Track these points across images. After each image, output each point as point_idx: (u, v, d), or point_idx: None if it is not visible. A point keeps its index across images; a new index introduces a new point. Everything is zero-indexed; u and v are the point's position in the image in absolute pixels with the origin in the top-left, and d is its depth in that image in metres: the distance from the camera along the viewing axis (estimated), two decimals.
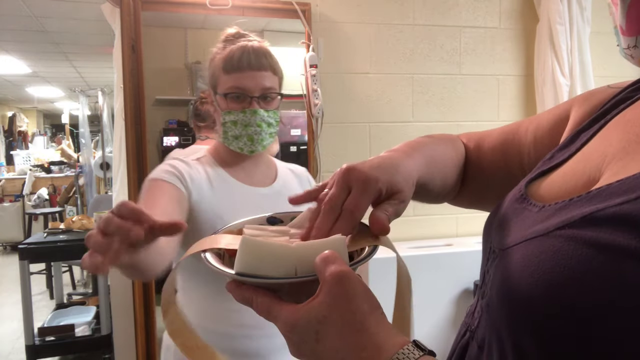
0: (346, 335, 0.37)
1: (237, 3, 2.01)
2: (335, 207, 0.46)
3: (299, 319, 0.39)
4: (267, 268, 0.41)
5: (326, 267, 0.39)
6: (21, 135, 8.95)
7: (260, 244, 0.42)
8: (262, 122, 1.09)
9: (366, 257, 0.44)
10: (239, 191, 1.11)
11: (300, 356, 0.41)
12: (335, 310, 0.38)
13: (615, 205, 0.34)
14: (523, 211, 0.44)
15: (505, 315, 0.40)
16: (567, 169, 0.46)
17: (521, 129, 0.61)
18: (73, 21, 3.35)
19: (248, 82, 1.06)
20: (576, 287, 0.33)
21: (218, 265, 0.45)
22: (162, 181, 1.01)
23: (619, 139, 0.42)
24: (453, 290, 2.12)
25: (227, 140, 1.10)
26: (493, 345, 0.43)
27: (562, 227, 0.37)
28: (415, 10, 2.31)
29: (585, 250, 0.33)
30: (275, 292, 0.42)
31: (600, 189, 0.37)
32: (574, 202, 0.38)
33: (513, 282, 0.39)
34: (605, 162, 0.41)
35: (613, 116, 0.46)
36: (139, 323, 1.99)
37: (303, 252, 0.42)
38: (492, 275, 0.44)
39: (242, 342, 1.05)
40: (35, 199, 6.06)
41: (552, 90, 2.31)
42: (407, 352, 0.36)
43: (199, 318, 1.08)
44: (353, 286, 0.38)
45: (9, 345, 3.40)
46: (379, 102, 2.29)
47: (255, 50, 1.07)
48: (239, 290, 0.43)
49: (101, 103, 4.15)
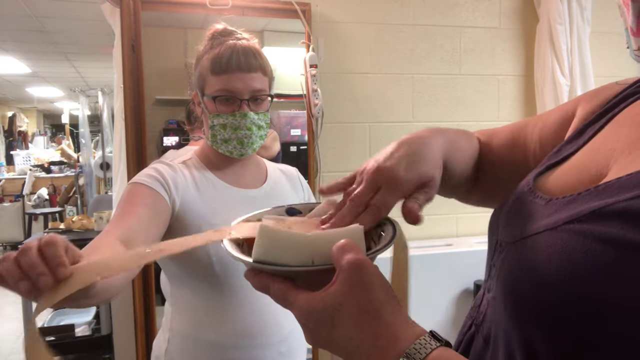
0: (362, 323, 0.37)
1: (237, 3, 2.01)
2: (361, 204, 0.47)
3: (315, 306, 0.39)
4: (284, 256, 0.41)
5: (343, 256, 0.39)
6: (21, 135, 8.95)
7: (277, 232, 0.43)
8: (252, 125, 1.05)
9: (384, 247, 0.44)
10: (227, 193, 1.08)
11: (316, 343, 0.41)
12: (352, 298, 0.38)
13: (624, 200, 0.34)
14: (530, 204, 0.44)
15: (512, 309, 0.40)
16: (574, 163, 0.45)
17: (528, 127, 0.61)
18: (73, 21, 3.35)
19: (237, 84, 1.02)
20: (585, 282, 0.33)
21: (236, 254, 0.45)
22: (143, 186, 0.98)
23: (627, 133, 0.42)
24: (453, 290, 2.12)
25: (216, 144, 1.07)
26: (499, 340, 0.42)
27: (570, 221, 0.36)
28: (415, 10, 2.31)
29: (594, 245, 0.33)
30: (292, 280, 0.42)
31: (609, 183, 0.37)
32: (583, 196, 0.38)
33: (520, 276, 0.39)
34: (614, 156, 0.40)
35: (621, 109, 0.46)
36: (139, 323, 1.99)
37: (320, 241, 0.42)
38: (498, 268, 0.44)
39: (234, 352, 1.02)
40: (35, 199, 6.07)
41: (552, 90, 2.31)
42: (424, 342, 0.36)
43: (190, 328, 1.05)
44: (369, 275, 0.38)
45: (9, 345, 3.40)
46: (379, 102, 2.29)
47: (244, 50, 1.03)
48: (256, 278, 0.43)
49: (101, 103, 4.16)
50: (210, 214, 1.03)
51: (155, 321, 2.00)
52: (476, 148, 0.63)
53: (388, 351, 0.36)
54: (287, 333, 1.07)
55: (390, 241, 0.45)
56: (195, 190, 1.05)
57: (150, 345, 2.00)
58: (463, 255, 2.10)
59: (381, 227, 0.48)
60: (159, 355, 1.10)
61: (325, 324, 0.38)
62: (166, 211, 0.99)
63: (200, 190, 1.06)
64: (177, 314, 1.08)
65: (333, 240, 0.41)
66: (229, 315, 1.03)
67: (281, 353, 1.05)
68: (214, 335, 1.03)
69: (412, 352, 0.35)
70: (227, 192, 1.09)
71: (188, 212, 1.02)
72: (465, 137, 0.62)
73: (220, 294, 1.04)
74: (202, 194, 1.05)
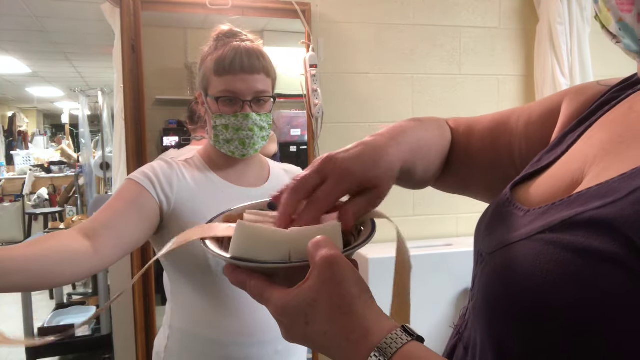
0: (334, 318, 0.38)
1: (237, 3, 2.01)
2: (301, 188, 0.45)
3: (289, 302, 0.39)
4: (261, 253, 0.42)
5: (317, 252, 0.39)
6: (21, 135, 8.95)
7: (255, 228, 0.43)
8: (254, 126, 1.06)
9: (360, 244, 0.44)
10: (228, 192, 1.09)
11: (291, 339, 0.41)
12: (324, 294, 0.38)
13: (592, 209, 0.34)
14: (509, 215, 0.45)
15: (488, 317, 0.40)
16: (552, 172, 0.46)
17: (512, 119, 0.60)
18: (73, 21, 3.34)
19: (240, 86, 1.03)
20: (554, 289, 0.33)
21: (214, 249, 0.45)
22: (133, 182, 1.01)
23: (601, 139, 0.42)
24: (453, 290, 2.13)
25: (219, 144, 1.08)
26: (477, 348, 0.43)
27: (542, 231, 0.37)
28: (415, 10, 2.31)
29: (563, 254, 0.34)
30: (270, 277, 0.42)
31: (580, 193, 0.38)
32: (556, 206, 0.39)
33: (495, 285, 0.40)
34: (588, 164, 0.41)
35: (598, 117, 0.46)
36: (139, 323, 1.99)
37: (297, 237, 0.42)
38: (479, 278, 0.45)
39: (232, 349, 1.03)
40: (35, 199, 6.07)
41: (552, 90, 2.31)
42: (395, 337, 0.36)
43: (188, 324, 1.06)
44: (342, 270, 0.39)
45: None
46: (379, 102, 2.29)
47: (248, 51, 1.04)
48: (234, 274, 0.44)
49: (101, 103, 4.15)
50: (208, 211, 1.04)
51: (155, 321, 2.01)
52: (447, 140, 0.62)
53: (360, 345, 0.36)
54: None
55: (367, 238, 0.45)
56: (193, 188, 1.06)
57: (150, 345, 2.00)
58: (463, 255, 2.10)
59: (361, 223, 0.48)
60: (159, 351, 1.11)
61: (299, 319, 0.39)
62: (151, 208, 1.00)
63: (199, 188, 1.06)
64: (176, 310, 1.09)
65: (310, 237, 0.41)
66: (225, 312, 1.04)
67: (279, 352, 1.06)
68: (212, 332, 1.04)
69: (383, 347, 0.35)
70: (227, 190, 1.09)
71: (185, 210, 1.03)
72: (435, 130, 0.60)
73: (217, 291, 1.04)
74: (200, 192, 1.06)
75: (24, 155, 7.58)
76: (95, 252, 0.87)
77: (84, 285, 4.52)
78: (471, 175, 0.63)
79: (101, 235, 0.89)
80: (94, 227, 0.91)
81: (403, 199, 2.31)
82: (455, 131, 0.64)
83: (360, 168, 0.46)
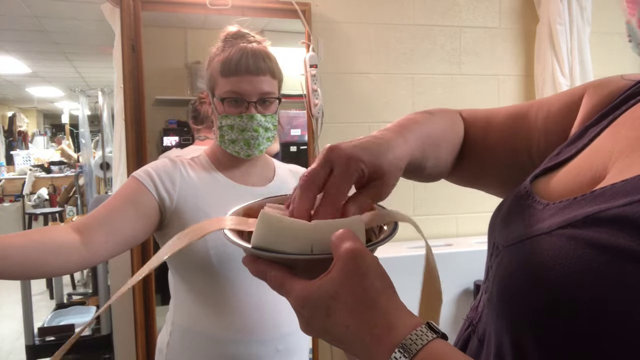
0: (357, 311, 0.37)
1: (237, 3, 2.01)
2: (313, 182, 0.44)
3: (311, 294, 0.38)
4: (283, 243, 0.41)
5: (341, 244, 0.39)
6: (21, 135, 8.95)
7: (278, 219, 0.42)
8: (259, 127, 1.07)
9: (384, 239, 0.44)
10: (231, 191, 1.10)
11: (311, 332, 0.40)
12: (347, 286, 0.37)
13: (617, 206, 0.34)
14: (528, 208, 0.44)
15: (505, 311, 0.40)
16: (573, 166, 0.45)
17: (531, 112, 0.59)
18: (73, 21, 3.34)
19: (246, 87, 1.04)
20: (575, 286, 0.33)
21: (235, 239, 0.44)
22: (135, 180, 1.03)
23: (626, 135, 0.41)
24: (453, 290, 2.12)
25: (224, 144, 1.10)
26: (492, 340, 0.43)
27: (564, 226, 0.36)
28: (415, 10, 2.31)
29: (586, 251, 0.33)
30: (290, 268, 0.42)
31: (604, 188, 0.37)
32: (578, 201, 0.38)
33: (513, 278, 0.39)
34: (612, 160, 0.40)
35: (622, 112, 0.45)
36: (139, 323, 1.99)
37: (320, 230, 0.41)
38: (494, 271, 0.44)
39: (232, 347, 1.03)
40: (35, 199, 6.06)
41: (552, 91, 2.31)
42: (420, 333, 0.35)
43: (189, 321, 1.07)
44: (366, 263, 0.38)
45: (9, 345, 3.41)
46: (379, 102, 2.29)
47: (254, 53, 1.05)
48: (254, 265, 0.43)
49: (101, 103, 4.15)
50: (210, 209, 1.05)
51: (155, 321, 2.01)
52: (460, 133, 0.61)
53: (383, 340, 0.35)
54: (286, 331, 1.07)
55: (390, 234, 0.45)
56: (196, 185, 1.07)
57: (150, 345, 2.00)
58: (463, 255, 2.10)
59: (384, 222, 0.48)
60: (161, 348, 1.12)
61: (321, 312, 0.38)
62: (150, 206, 1.01)
63: (202, 186, 1.08)
64: (178, 307, 1.10)
65: (332, 230, 0.40)
66: (226, 310, 1.05)
67: (279, 351, 1.06)
68: (212, 330, 1.04)
69: (408, 343, 0.34)
70: (231, 189, 1.10)
71: (187, 207, 1.04)
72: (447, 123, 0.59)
73: (219, 288, 1.05)
74: (204, 190, 1.07)
75: (24, 155, 7.58)
76: (84, 246, 0.88)
77: (84, 285, 4.52)
78: (486, 169, 0.62)
79: (93, 230, 0.91)
80: (87, 222, 0.92)
81: (403, 199, 2.31)
82: (470, 124, 0.63)
83: (365, 154, 0.45)
